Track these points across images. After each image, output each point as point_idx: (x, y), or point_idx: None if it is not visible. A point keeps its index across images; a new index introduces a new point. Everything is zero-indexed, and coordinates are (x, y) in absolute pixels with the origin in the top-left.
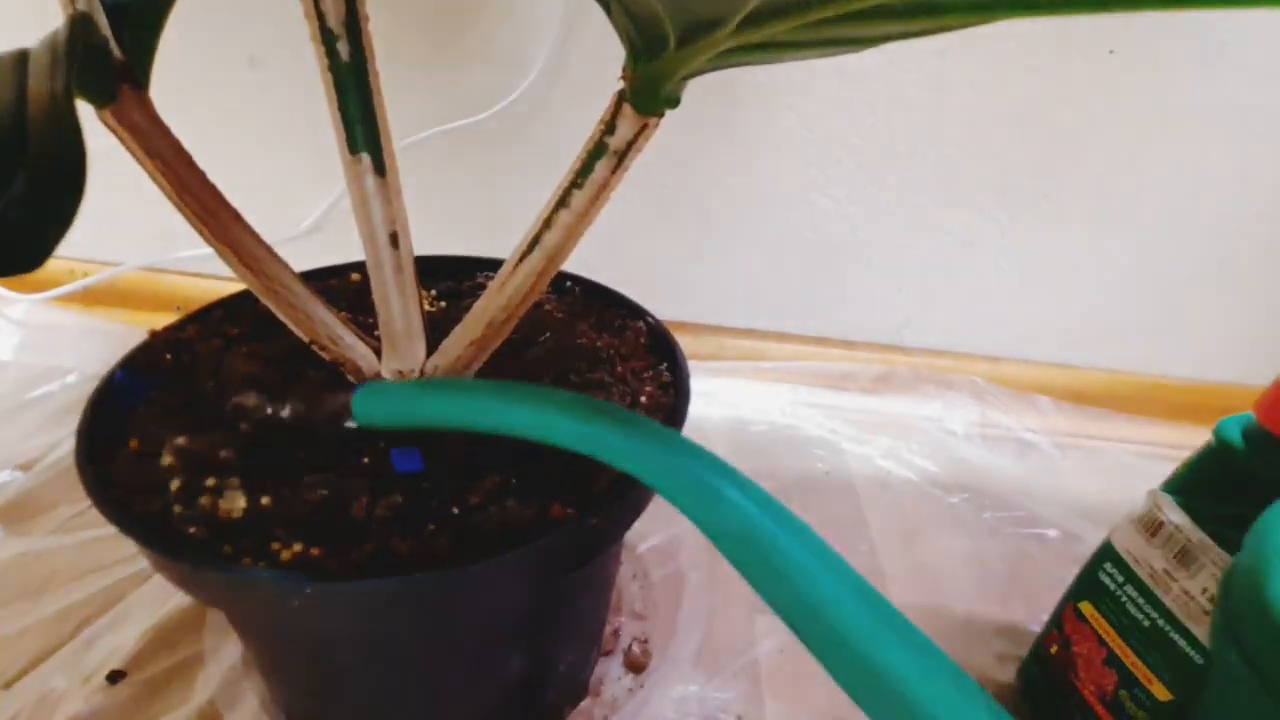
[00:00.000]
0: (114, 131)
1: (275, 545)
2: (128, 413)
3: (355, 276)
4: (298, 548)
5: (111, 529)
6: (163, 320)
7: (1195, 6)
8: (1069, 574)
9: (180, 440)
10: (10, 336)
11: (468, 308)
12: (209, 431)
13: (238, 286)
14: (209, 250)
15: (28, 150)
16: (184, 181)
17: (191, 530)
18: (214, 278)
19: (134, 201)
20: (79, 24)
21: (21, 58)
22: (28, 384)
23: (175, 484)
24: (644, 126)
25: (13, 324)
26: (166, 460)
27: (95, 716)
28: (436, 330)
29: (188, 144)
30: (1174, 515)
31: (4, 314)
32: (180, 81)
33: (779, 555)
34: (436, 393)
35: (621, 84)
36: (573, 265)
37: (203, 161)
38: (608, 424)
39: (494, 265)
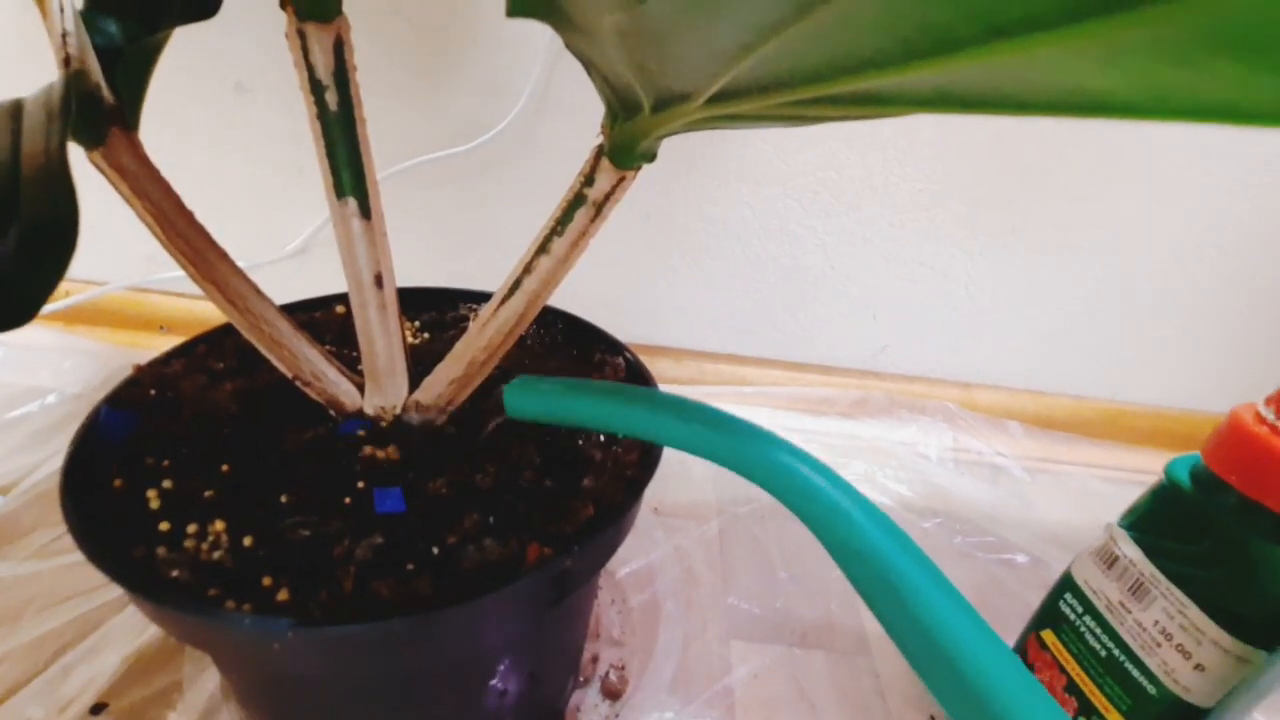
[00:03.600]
0: (103, 172)
1: (258, 588)
2: (113, 451)
3: (340, 309)
4: (280, 591)
5: None
6: (146, 340)
7: (1108, 116)
8: (1036, 600)
9: (165, 481)
10: None
11: (451, 340)
12: (193, 472)
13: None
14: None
15: (20, 206)
16: (171, 222)
17: (175, 573)
18: (198, 298)
19: (118, 222)
20: (73, 81)
21: (16, 111)
22: (6, 404)
23: (159, 525)
24: (621, 179)
25: None
26: (151, 501)
27: None
28: (420, 363)
29: (174, 168)
30: (1128, 549)
31: None
32: (167, 106)
33: (896, 578)
34: (581, 396)
35: (600, 139)
36: (555, 290)
37: (189, 185)
38: (726, 432)
39: (477, 297)
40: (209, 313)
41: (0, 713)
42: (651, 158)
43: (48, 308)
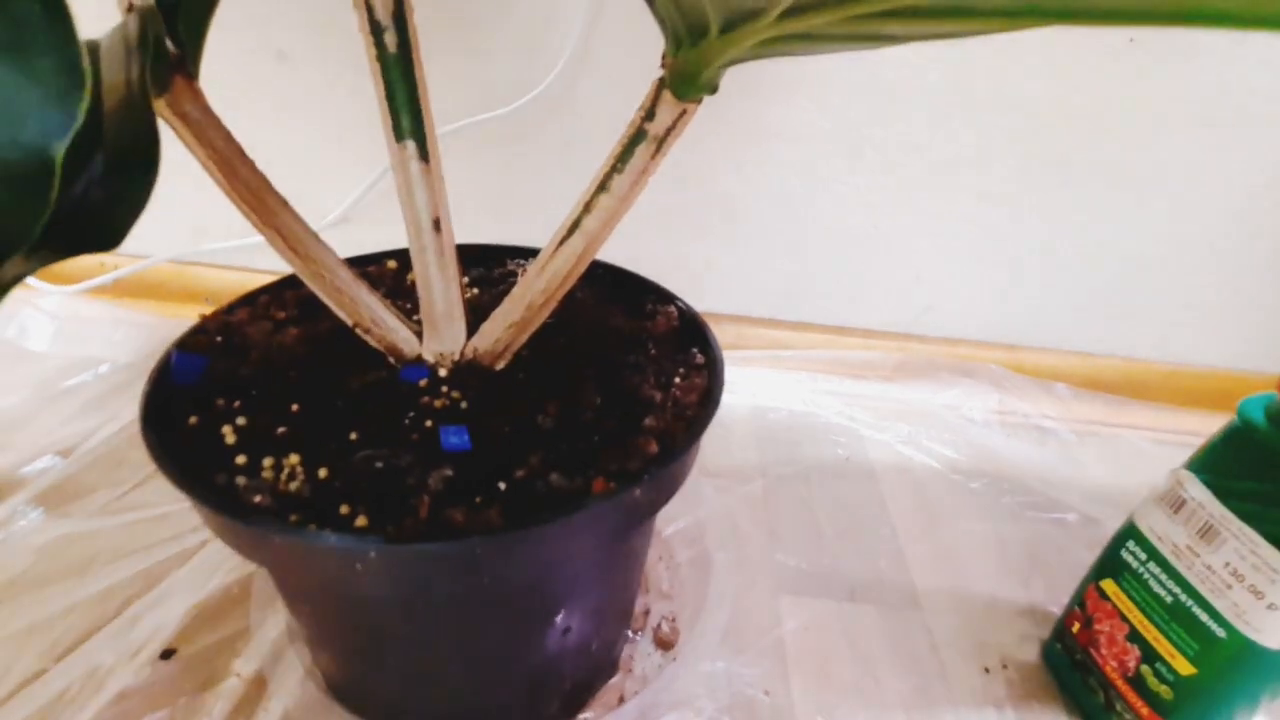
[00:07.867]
0: (167, 121)
1: (336, 515)
2: (185, 392)
3: (391, 264)
4: (358, 517)
5: (152, 511)
6: (191, 312)
7: (1199, 24)
8: (1088, 556)
9: (238, 418)
10: (45, 328)
11: (501, 294)
12: (265, 410)
13: (266, 279)
14: (237, 243)
15: (103, 134)
16: (234, 169)
17: (257, 499)
18: (242, 270)
19: (163, 195)
20: (149, 16)
21: (93, 48)
22: (63, 373)
23: (236, 459)
24: (683, 113)
25: (46, 315)
26: (227, 436)
27: (144, 689)
28: (472, 315)
29: None
30: (1196, 492)
31: (38, 306)
32: (207, 74)
33: None
34: None
35: (661, 71)
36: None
37: None
38: None
39: (524, 253)
40: (253, 284)
41: (73, 660)
42: (714, 89)
43: (95, 281)
